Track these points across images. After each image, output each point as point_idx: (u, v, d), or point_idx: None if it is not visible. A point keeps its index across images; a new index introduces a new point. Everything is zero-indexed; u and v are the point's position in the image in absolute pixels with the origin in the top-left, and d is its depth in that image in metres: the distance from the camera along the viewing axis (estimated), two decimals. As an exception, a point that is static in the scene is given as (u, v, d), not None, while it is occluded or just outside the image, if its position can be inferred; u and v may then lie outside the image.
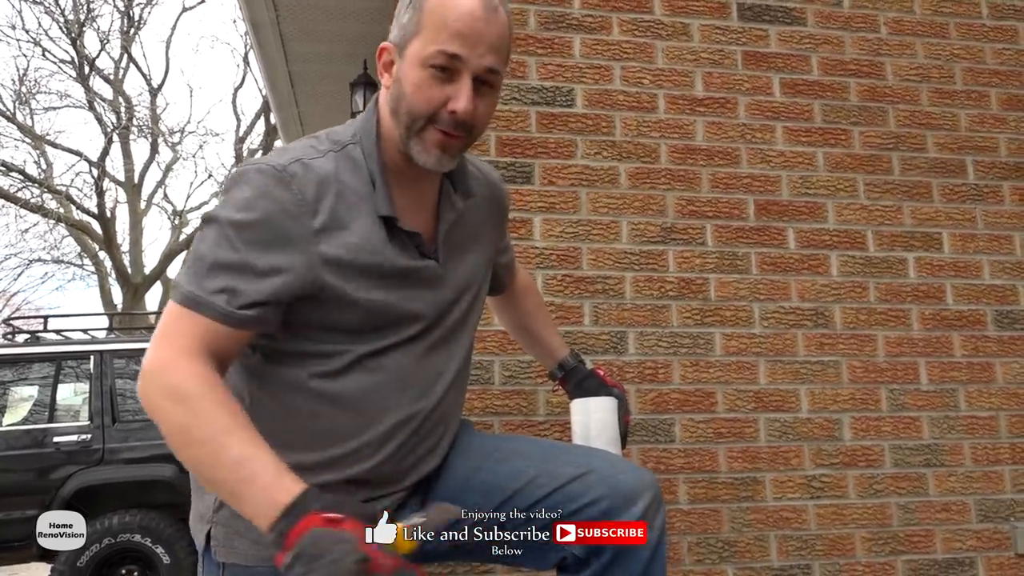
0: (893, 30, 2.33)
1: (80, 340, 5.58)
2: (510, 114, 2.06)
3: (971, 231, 2.27)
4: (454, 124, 1.09)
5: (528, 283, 1.62)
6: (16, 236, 19.25)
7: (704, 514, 1.99)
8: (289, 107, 4.88)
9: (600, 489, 1.18)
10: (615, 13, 2.17)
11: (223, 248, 1.05)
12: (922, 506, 2.10)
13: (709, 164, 2.15)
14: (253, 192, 1.06)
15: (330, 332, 1.13)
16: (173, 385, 0.99)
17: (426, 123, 1.10)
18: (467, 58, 1.08)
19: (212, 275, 1.04)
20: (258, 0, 3.58)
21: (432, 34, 1.08)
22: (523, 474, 1.22)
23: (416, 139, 1.11)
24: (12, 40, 21.87)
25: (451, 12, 1.07)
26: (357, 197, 1.12)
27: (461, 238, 1.26)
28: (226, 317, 1.03)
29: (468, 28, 1.07)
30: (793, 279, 2.15)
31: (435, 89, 1.08)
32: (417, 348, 1.18)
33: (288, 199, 1.06)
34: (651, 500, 1.19)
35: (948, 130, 2.31)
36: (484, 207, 1.32)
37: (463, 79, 1.08)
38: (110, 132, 15.22)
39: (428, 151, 1.11)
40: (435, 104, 1.09)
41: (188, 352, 1.01)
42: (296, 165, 1.09)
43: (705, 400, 2.05)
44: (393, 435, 1.16)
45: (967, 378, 2.19)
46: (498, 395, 1.94)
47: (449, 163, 1.14)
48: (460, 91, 1.08)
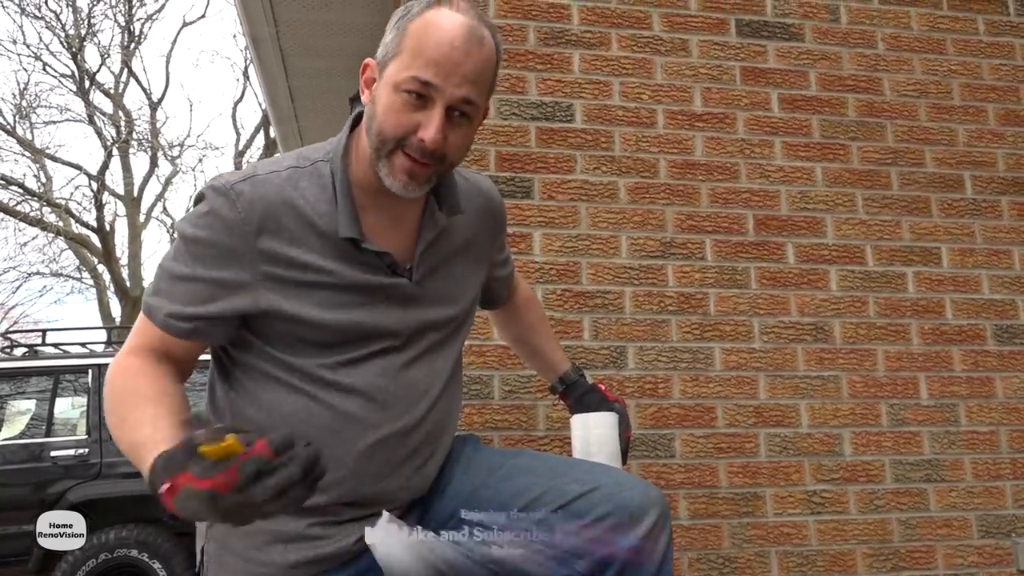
0: (890, 46, 2.34)
1: (78, 354, 5.57)
2: (510, 129, 2.07)
3: (970, 246, 2.27)
4: (422, 152, 1.07)
5: (530, 296, 1.61)
6: (15, 249, 19.26)
7: (704, 530, 1.98)
8: (289, 121, 4.89)
9: (606, 506, 1.17)
10: (614, 29, 2.18)
11: (177, 262, 1.12)
12: (923, 522, 2.09)
13: (708, 179, 2.16)
14: (206, 209, 1.10)
15: (295, 348, 1.13)
16: (108, 377, 1.09)
17: (395, 147, 1.08)
18: (441, 87, 1.06)
19: (164, 286, 1.12)
20: (258, 16, 3.59)
21: (409, 59, 1.06)
22: (528, 492, 1.20)
23: (385, 161, 1.09)
24: (13, 54, 21.97)
25: (431, 39, 1.06)
26: (317, 215, 1.11)
27: (446, 254, 1.24)
28: (166, 327, 1.10)
29: (445, 58, 1.05)
30: (792, 294, 2.15)
31: (405, 115, 1.07)
32: (391, 365, 1.16)
33: (233, 218, 1.09)
34: (658, 517, 1.18)
35: (946, 145, 2.32)
36: (476, 220, 1.30)
37: (436, 108, 1.06)
38: (110, 146, 15.25)
39: (395, 176, 1.09)
40: (404, 129, 1.07)
41: (132, 350, 1.11)
42: (245, 184, 1.10)
43: (705, 415, 2.04)
44: (373, 455, 1.14)
45: (967, 393, 2.19)
46: (498, 410, 1.94)
47: (416, 190, 1.11)
48: (431, 120, 1.06)
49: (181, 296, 1.10)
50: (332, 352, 1.13)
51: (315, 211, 1.12)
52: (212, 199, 1.10)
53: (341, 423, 1.13)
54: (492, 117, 2.06)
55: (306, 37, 3.80)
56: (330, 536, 1.13)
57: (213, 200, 1.10)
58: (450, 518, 1.22)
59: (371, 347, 1.15)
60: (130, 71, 16.11)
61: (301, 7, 3.52)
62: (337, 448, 1.12)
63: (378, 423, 1.14)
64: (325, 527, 1.13)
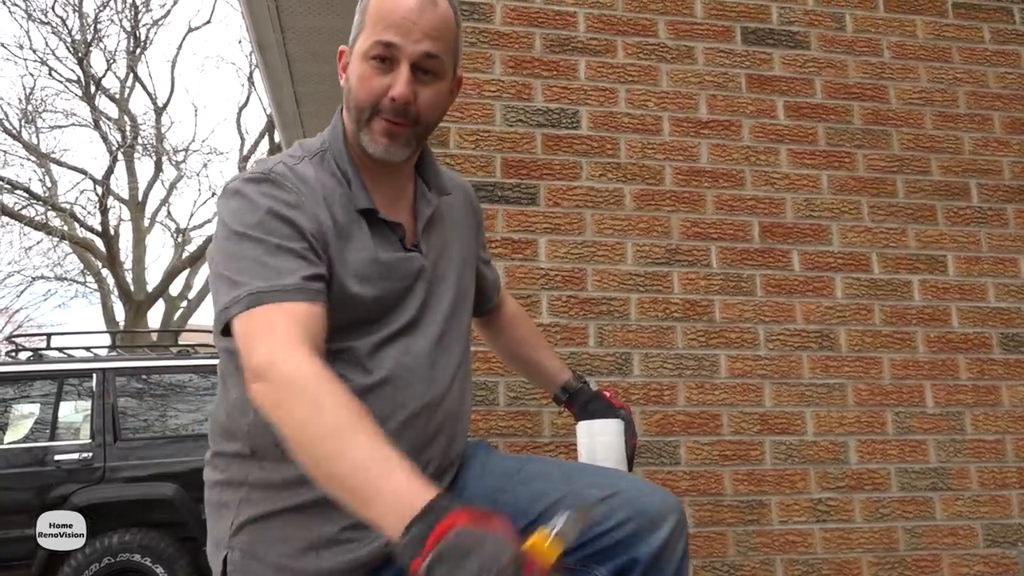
0: (896, 54, 2.34)
1: (83, 358, 5.58)
2: (516, 136, 2.08)
3: (976, 254, 2.27)
4: (394, 111, 1.13)
5: (518, 310, 1.63)
6: (20, 253, 19.32)
7: (710, 537, 1.98)
8: (294, 127, 4.91)
9: (626, 511, 1.17)
10: (620, 36, 2.19)
11: (256, 246, 1.06)
12: (929, 530, 2.09)
13: (714, 186, 2.16)
14: (250, 197, 1.09)
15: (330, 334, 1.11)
16: (289, 378, 0.95)
17: (371, 113, 1.14)
18: (402, 45, 1.12)
19: (263, 270, 1.04)
20: (265, 22, 3.61)
21: (370, 29, 1.14)
22: (547, 496, 1.20)
23: (365, 130, 1.15)
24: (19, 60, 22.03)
25: (387, 3, 1.14)
26: (337, 196, 1.16)
27: (441, 234, 1.29)
28: (300, 292, 1.02)
29: (402, 18, 1.12)
30: (798, 301, 2.15)
31: (375, 79, 1.13)
32: (412, 344, 1.18)
33: (284, 196, 1.10)
34: (676, 523, 1.19)
35: (952, 153, 2.32)
36: (460, 208, 1.36)
37: (401, 66, 1.13)
38: (115, 151, 15.29)
39: (376, 140, 1.15)
40: (376, 93, 1.13)
41: (290, 341, 0.98)
42: (280, 166, 1.14)
43: (710, 422, 2.04)
44: (402, 433, 1.13)
45: (973, 401, 2.18)
46: (503, 416, 1.94)
47: (398, 151, 1.16)
48: (398, 78, 1.12)
49: (289, 265, 1.04)
50: (360, 333, 1.14)
51: (332, 193, 1.16)
52: (254, 188, 1.10)
53: (371, 403, 1.10)
54: (498, 123, 2.07)
55: (312, 43, 3.82)
56: (363, 539, 1.11)
57: (256, 188, 1.10)
58: None
59: (392, 326, 1.16)
60: (136, 76, 16.17)
61: (307, 14, 3.54)
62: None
63: (405, 402, 1.15)
64: (357, 530, 1.11)
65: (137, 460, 4.78)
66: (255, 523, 1.10)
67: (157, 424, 5.04)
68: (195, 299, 15.44)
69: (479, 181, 2.02)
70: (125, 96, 16.10)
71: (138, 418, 5.00)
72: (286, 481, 1.10)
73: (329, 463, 0.90)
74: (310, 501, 1.09)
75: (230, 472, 1.15)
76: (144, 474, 4.74)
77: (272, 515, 1.11)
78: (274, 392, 0.95)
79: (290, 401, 0.94)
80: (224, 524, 1.14)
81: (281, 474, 1.10)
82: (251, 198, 1.09)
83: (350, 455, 0.89)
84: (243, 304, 1.01)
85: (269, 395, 0.96)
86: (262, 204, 1.08)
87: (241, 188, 1.10)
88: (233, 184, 1.12)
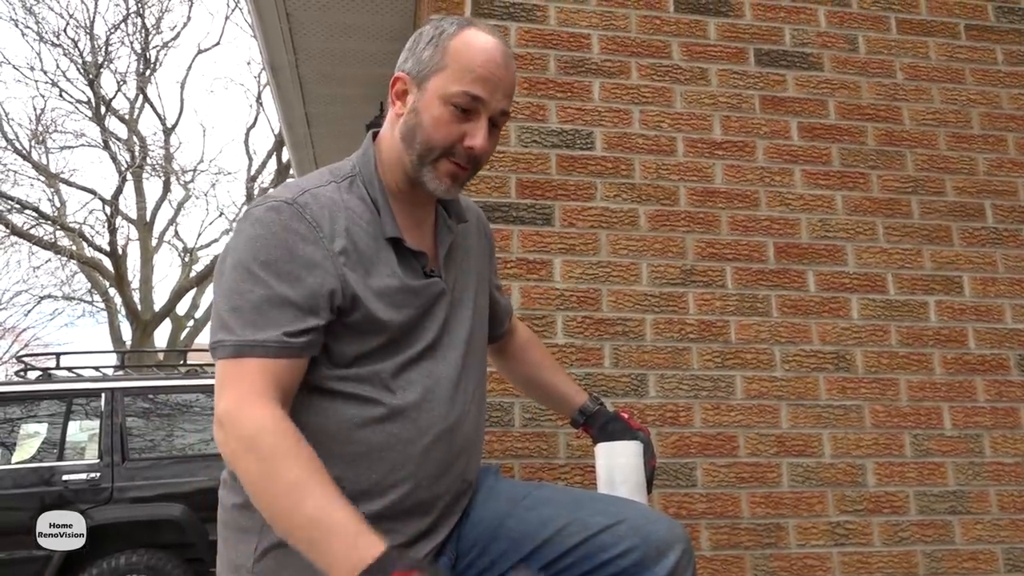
0: (909, 76, 2.35)
1: (91, 377, 5.58)
2: (530, 156, 2.08)
3: (992, 275, 2.26)
4: (468, 159, 1.17)
5: (531, 335, 1.63)
6: (28, 272, 19.40)
7: (727, 561, 1.96)
8: (305, 148, 4.94)
9: (632, 540, 1.16)
10: (634, 58, 2.20)
11: (258, 287, 1.07)
12: (948, 554, 2.06)
13: (728, 207, 2.16)
14: (269, 229, 1.09)
15: (356, 359, 1.13)
16: (246, 435, 1.00)
17: (441, 155, 1.16)
18: (488, 101, 1.16)
19: (256, 317, 1.06)
20: (278, 44, 3.64)
21: (457, 75, 1.15)
22: (553, 522, 1.20)
23: (430, 167, 1.17)
24: (30, 81, 22.27)
25: (478, 57, 1.16)
26: (364, 222, 1.17)
27: (459, 260, 1.31)
28: (282, 351, 1.05)
29: (491, 74, 1.16)
30: (814, 322, 2.14)
31: (454, 126, 1.15)
32: (436, 365, 1.19)
33: (304, 229, 1.10)
34: (683, 552, 1.18)
35: (966, 174, 2.31)
36: (474, 235, 1.38)
37: (481, 119, 1.16)
38: (124, 171, 15.39)
39: (440, 179, 1.18)
40: (453, 139, 1.16)
41: (254, 395, 1.02)
42: (305, 196, 1.14)
43: (727, 444, 2.02)
44: (428, 455, 1.15)
45: (991, 423, 2.17)
46: (518, 437, 1.93)
47: (456, 192, 1.22)
48: (478, 130, 1.16)
49: (282, 316, 1.06)
50: (384, 356, 1.14)
51: (361, 218, 1.17)
52: (274, 218, 1.10)
53: (399, 426, 1.13)
54: (513, 144, 2.08)
55: (324, 65, 3.85)
56: None
57: (275, 219, 1.10)
58: (473, 546, 1.22)
59: (414, 349, 1.17)
60: (145, 97, 16.31)
61: (320, 36, 3.57)
62: (398, 452, 1.13)
63: (430, 425, 1.16)
64: None
65: (144, 480, 4.76)
66: (281, 548, 1.08)
67: (164, 444, 5.03)
68: (202, 318, 15.47)
69: (494, 201, 2.03)
70: (134, 117, 16.24)
71: (145, 438, 4.99)
72: None
73: (284, 518, 0.97)
74: None
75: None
76: (151, 494, 4.72)
77: None
78: (230, 443, 1.01)
79: (245, 457, 1.00)
80: (245, 549, 1.11)
81: None
82: (269, 230, 1.09)
83: (303, 511, 0.95)
84: (227, 351, 1.05)
85: (225, 445, 1.02)
86: (277, 239, 1.08)
87: (263, 217, 1.10)
88: (257, 210, 1.12)
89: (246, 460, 0.99)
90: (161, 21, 16.43)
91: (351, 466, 1.11)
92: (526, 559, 1.19)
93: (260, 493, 0.99)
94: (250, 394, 1.02)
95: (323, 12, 3.37)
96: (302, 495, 0.95)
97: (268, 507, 0.98)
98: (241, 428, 1.00)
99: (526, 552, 1.19)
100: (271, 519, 0.98)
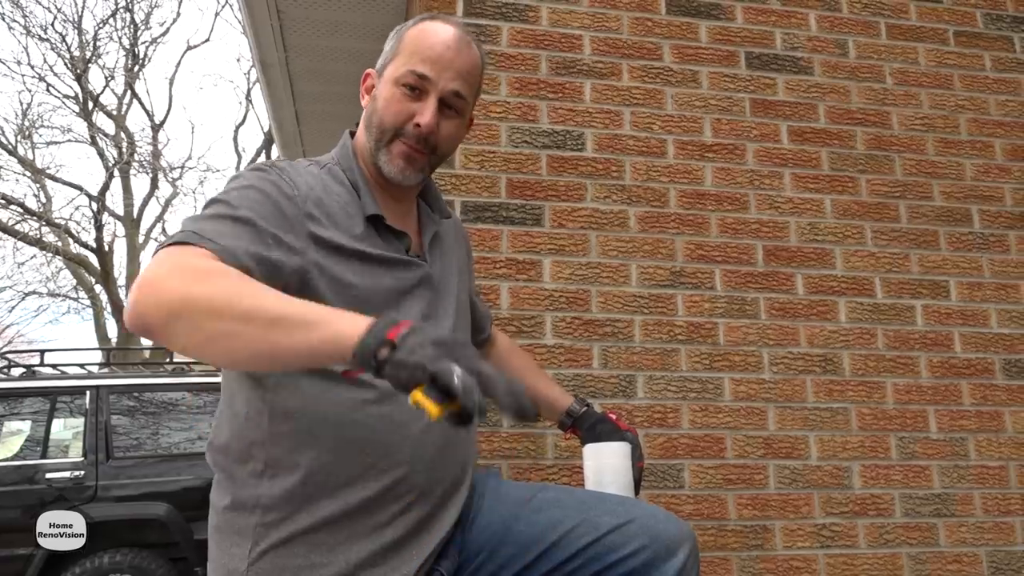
0: (898, 80, 2.36)
1: (75, 375, 5.53)
2: (521, 156, 2.08)
3: (978, 280, 2.28)
4: (417, 138, 1.19)
5: (511, 342, 1.64)
6: (12, 268, 19.24)
7: (713, 562, 1.96)
8: (295, 145, 4.91)
9: (642, 539, 1.17)
10: (625, 60, 2.20)
11: (228, 208, 1.05)
12: (933, 557, 2.07)
13: (718, 209, 2.16)
14: (250, 180, 1.11)
15: None
16: (195, 261, 0.93)
17: (393, 136, 1.19)
18: (435, 79, 1.18)
19: (216, 221, 1.02)
20: (268, 41, 3.62)
21: (406, 57, 1.20)
22: (562, 524, 1.20)
23: (384, 150, 1.20)
24: (17, 75, 22.08)
25: (426, 39, 1.20)
26: (343, 201, 1.18)
27: (443, 255, 1.32)
28: (224, 252, 0.98)
29: (438, 55, 1.19)
30: (802, 325, 2.14)
31: (403, 104, 1.19)
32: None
33: (283, 183, 1.12)
34: (690, 551, 1.19)
35: (954, 179, 2.33)
36: (453, 239, 1.39)
37: (430, 98, 1.18)
38: (111, 167, 15.30)
39: (393, 162, 1.20)
40: (402, 118, 1.18)
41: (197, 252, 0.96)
42: (284, 163, 1.17)
43: (714, 446, 2.03)
44: (424, 438, 1.13)
45: (976, 427, 2.18)
46: (506, 438, 1.92)
47: (412, 176, 1.21)
48: (426, 108, 1.18)
49: (238, 235, 1.01)
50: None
51: (340, 198, 1.18)
52: (255, 173, 1.12)
53: (392, 408, 1.11)
54: (503, 144, 2.08)
55: (315, 62, 3.83)
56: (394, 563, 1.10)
57: (256, 173, 1.12)
58: (481, 550, 1.21)
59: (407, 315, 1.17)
60: (133, 93, 16.22)
61: (311, 34, 3.55)
62: (393, 434, 1.11)
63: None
64: (387, 554, 1.10)
65: (129, 479, 4.73)
66: (277, 549, 1.07)
67: (150, 442, 5.00)
68: (188, 316, 15.35)
69: (484, 201, 2.03)
70: (122, 113, 16.14)
71: (130, 436, 4.96)
72: (301, 495, 1.08)
73: (261, 306, 0.88)
74: (330, 517, 1.08)
75: (241, 495, 1.11)
76: (136, 493, 4.69)
77: (294, 539, 1.07)
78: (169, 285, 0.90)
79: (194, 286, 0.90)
80: (239, 552, 1.08)
81: (296, 488, 1.08)
82: (247, 183, 1.10)
83: (273, 298, 0.90)
84: (177, 236, 0.98)
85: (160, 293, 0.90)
86: (257, 185, 1.09)
87: (245, 174, 1.14)
88: (239, 172, 1.16)
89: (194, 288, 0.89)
90: (150, 17, 16.40)
91: (346, 449, 1.09)
92: (535, 561, 1.18)
93: (221, 315, 0.88)
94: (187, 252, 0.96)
95: (314, 9, 3.36)
96: (265, 291, 0.91)
97: (235, 328, 0.87)
98: (179, 261, 0.94)
99: (535, 555, 1.18)
100: (241, 335, 0.87)
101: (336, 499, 1.08)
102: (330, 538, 1.08)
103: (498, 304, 1.98)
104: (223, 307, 0.88)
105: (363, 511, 1.09)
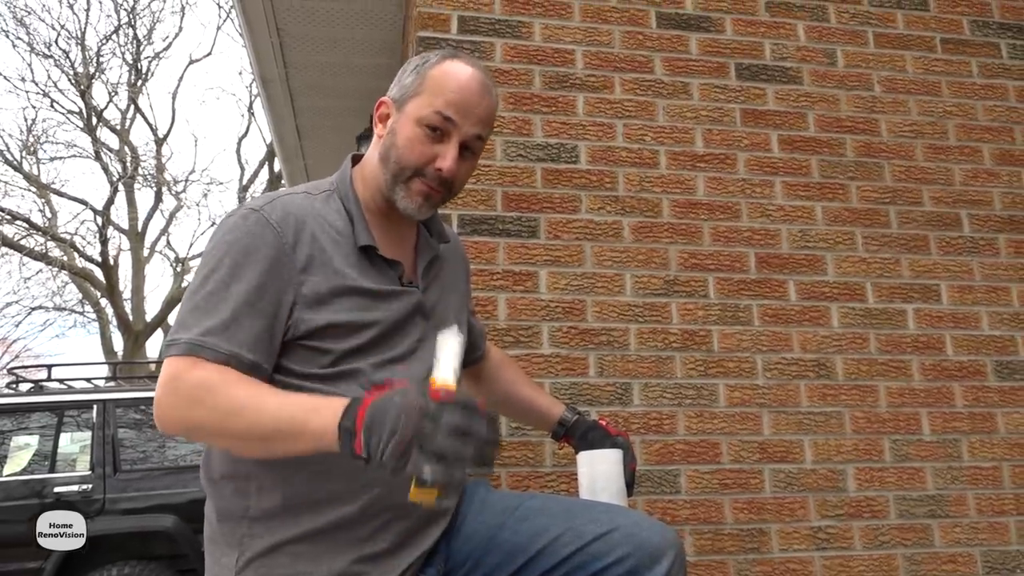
0: (887, 88, 2.40)
1: (82, 389, 5.57)
2: (516, 170, 2.12)
3: (968, 283, 2.31)
4: (438, 180, 1.21)
5: (503, 355, 1.67)
6: (19, 283, 19.33)
7: (710, 566, 1.99)
8: (296, 159, 4.97)
9: (625, 547, 1.19)
10: (617, 73, 2.24)
11: (224, 287, 1.11)
12: (928, 557, 2.10)
13: (710, 218, 2.20)
14: (239, 235, 1.14)
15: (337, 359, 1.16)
16: (193, 383, 1.06)
17: (413, 174, 1.21)
18: (459, 124, 1.20)
19: (215, 312, 1.10)
20: (268, 57, 3.68)
21: (431, 98, 1.20)
22: (547, 533, 1.22)
23: (402, 186, 1.22)
24: (21, 92, 22.24)
25: (452, 82, 1.21)
26: (336, 231, 1.20)
27: (442, 279, 1.34)
28: (226, 360, 1.08)
29: (463, 99, 1.20)
30: (795, 330, 2.18)
31: (426, 146, 1.20)
32: (411, 367, 1.21)
33: (272, 239, 1.14)
34: (675, 558, 1.20)
35: (943, 184, 2.37)
36: (454, 257, 1.42)
37: (452, 141, 1.21)
38: (115, 181, 15.39)
39: (411, 199, 1.22)
40: (424, 159, 1.20)
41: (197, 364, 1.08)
42: (273, 205, 1.18)
43: (710, 451, 2.06)
44: None
45: (969, 428, 2.21)
46: (504, 447, 1.96)
47: (427, 212, 1.25)
48: (448, 151, 1.20)
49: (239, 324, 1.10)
50: (363, 357, 1.17)
51: (333, 227, 1.21)
52: (243, 226, 1.15)
53: None
54: (499, 158, 2.12)
55: (314, 77, 3.89)
56: (374, 572, 1.13)
57: (245, 227, 1.15)
58: (467, 559, 1.24)
59: (394, 351, 1.20)
60: (137, 108, 16.33)
61: (310, 50, 3.61)
62: None
63: None
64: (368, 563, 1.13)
65: (136, 492, 4.77)
66: (261, 558, 1.11)
67: (156, 455, 5.04)
68: (194, 329, 15.39)
69: (480, 215, 2.07)
70: (126, 127, 16.25)
71: (137, 449, 4.99)
72: (286, 507, 1.12)
73: (253, 429, 1.03)
74: (313, 530, 1.12)
75: (229, 506, 1.15)
76: (143, 506, 4.72)
77: (277, 548, 1.12)
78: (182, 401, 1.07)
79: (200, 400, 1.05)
80: (227, 562, 1.13)
81: (281, 504, 1.12)
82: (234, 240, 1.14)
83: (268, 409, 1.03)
84: (181, 348, 1.09)
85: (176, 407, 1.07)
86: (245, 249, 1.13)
87: (235, 225, 1.16)
88: (230, 217, 1.18)
89: (201, 402, 1.05)
90: (152, 32, 16.53)
91: (328, 474, 1.13)
92: (520, 570, 1.21)
93: (224, 422, 1.05)
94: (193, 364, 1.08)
95: (313, 26, 3.42)
96: (264, 398, 1.04)
97: (236, 428, 1.04)
98: (186, 381, 1.06)
99: (520, 563, 1.21)
100: (245, 436, 1.05)
101: (319, 514, 1.12)
102: (314, 549, 1.12)
103: (495, 315, 2.02)
104: (219, 431, 1.07)
105: (344, 527, 1.13)
